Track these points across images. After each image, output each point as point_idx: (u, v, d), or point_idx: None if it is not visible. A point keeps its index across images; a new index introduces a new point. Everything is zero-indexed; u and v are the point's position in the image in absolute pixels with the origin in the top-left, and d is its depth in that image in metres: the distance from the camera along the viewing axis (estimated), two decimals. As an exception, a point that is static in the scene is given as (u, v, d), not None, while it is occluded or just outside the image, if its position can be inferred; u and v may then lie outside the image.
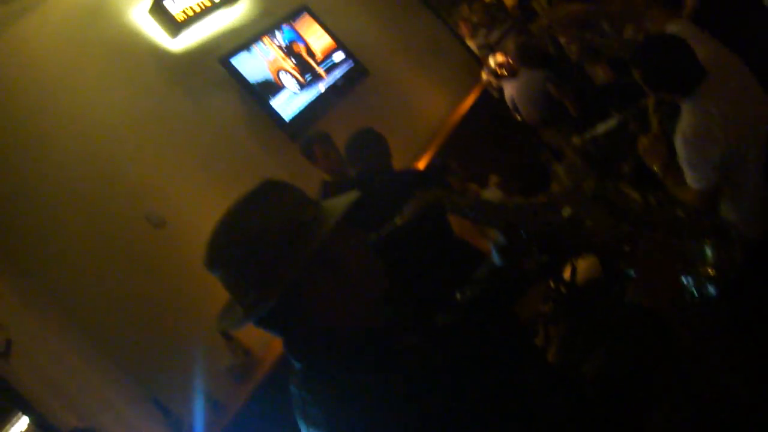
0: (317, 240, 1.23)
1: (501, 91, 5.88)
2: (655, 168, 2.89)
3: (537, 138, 5.81)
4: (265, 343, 3.91)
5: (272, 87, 4.93)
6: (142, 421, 3.71)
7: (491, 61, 5.79)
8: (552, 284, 3.95)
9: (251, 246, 1.24)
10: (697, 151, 2.61)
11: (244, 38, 5.04)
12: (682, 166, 2.67)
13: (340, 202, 1.32)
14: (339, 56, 5.51)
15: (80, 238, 3.82)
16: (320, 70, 5.31)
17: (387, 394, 1.20)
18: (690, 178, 2.65)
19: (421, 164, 5.13)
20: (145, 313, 3.85)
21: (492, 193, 3.98)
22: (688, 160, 2.64)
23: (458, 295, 1.61)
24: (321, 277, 1.26)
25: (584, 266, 4.08)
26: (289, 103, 4.97)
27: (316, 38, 5.42)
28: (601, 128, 4.07)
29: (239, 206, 1.29)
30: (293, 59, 5.16)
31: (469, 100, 6.29)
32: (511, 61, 5.54)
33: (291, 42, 5.23)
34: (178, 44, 4.81)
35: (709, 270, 1.48)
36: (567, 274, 4.02)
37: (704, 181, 2.61)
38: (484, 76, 6.11)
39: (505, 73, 5.65)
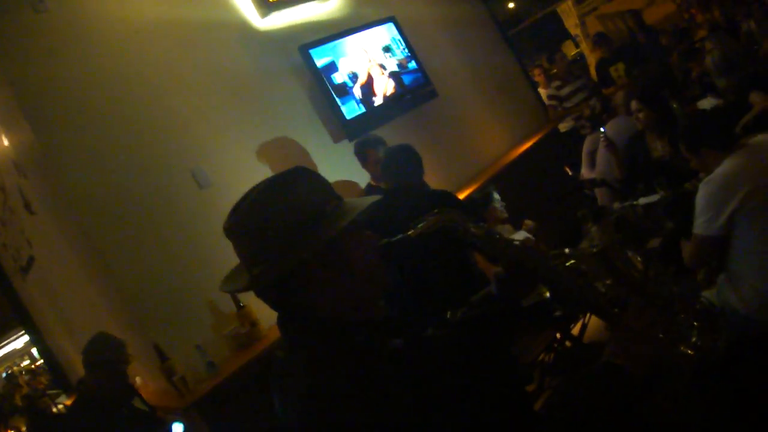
0: (333, 230, 1.31)
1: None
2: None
3: (583, 195, 5.87)
4: (273, 320, 3.97)
5: (342, 85, 5.05)
6: (138, 363, 3.83)
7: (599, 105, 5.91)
8: (558, 336, 4.00)
9: (272, 222, 1.32)
10: (715, 194, 2.78)
11: (327, 33, 5.19)
12: (697, 209, 2.84)
13: (362, 202, 1.40)
14: (412, 71, 5.61)
15: (124, 180, 3.97)
16: (391, 79, 5.42)
17: (359, 390, 1.23)
18: (698, 222, 2.83)
19: (466, 193, 5.20)
20: (167, 264, 3.98)
21: (520, 236, 4.02)
22: (704, 201, 2.82)
23: (449, 314, 1.70)
24: (328, 266, 1.33)
25: (595, 326, 4.12)
26: (354, 104, 5.09)
27: (396, 49, 5.54)
28: (643, 200, 4.13)
29: (269, 183, 1.38)
30: (368, 64, 5.29)
31: (528, 144, 6.34)
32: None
33: (371, 47, 5.36)
34: (265, 23, 5.00)
35: (689, 351, 1.54)
36: (576, 330, 4.07)
37: (712, 225, 2.78)
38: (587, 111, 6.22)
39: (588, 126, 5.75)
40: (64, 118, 3.85)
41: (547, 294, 1.70)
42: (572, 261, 1.57)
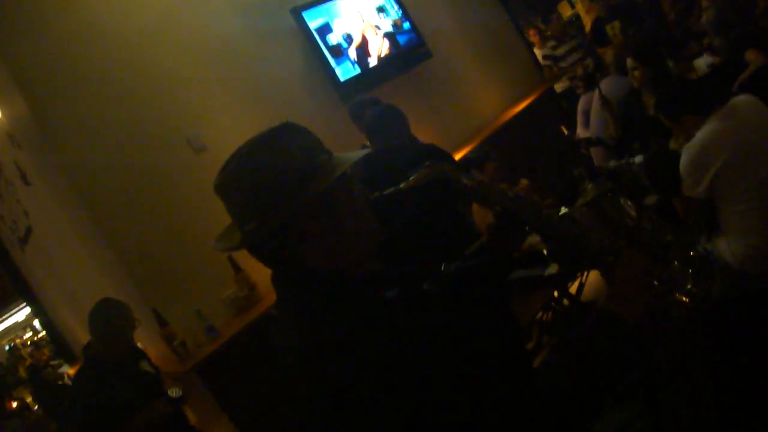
0: (324, 183, 1.30)
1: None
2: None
3: (580, 154, 5.86)
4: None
5: (335, 47, 5.01)
6: (138, 328, 3.85)
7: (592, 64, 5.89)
8: (556, 294, 4.01)
9: (262, 177, 1.31)
10: (696, 159, 2.89)
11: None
12: (681, 173, 2.93)
13: (352, 156, 1.39)
14: (407, 32, 5.56)
15: (121, 146, 3.97)
16: (386, 40, 5.37)
17: (356, 340, 1.25)
18: (684, 184, 2.94)
19: (462, 153, 5.18)
20: (165, 229, 3.99)
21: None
22: (686, 166, 2.92)
23: (443, 267, 1.70)
24: (319, 219, 1.33)
25: (593, 284, 4.13)
26: (347, 65, 5.05)
27: (389, 9, 5.49)
28: (639, 158, 4.12)
29: (258, 139, 1.37)
30: (362, 24, 5.23)
31: (523, 104, 6.31)
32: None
33: (364, 8, 5.30)
34: (257, -15, 4.93)
35: (684, 298, 1.54)
36: (574, 288, 4.08)
37: (696, 188, 2.89)
38: (579, 70, 6.21)
39: (581, 86, 5.72)
40: (57, 89, 3.83)
41: (542, 247, 1.70)
42: (565, 210, 1.58)
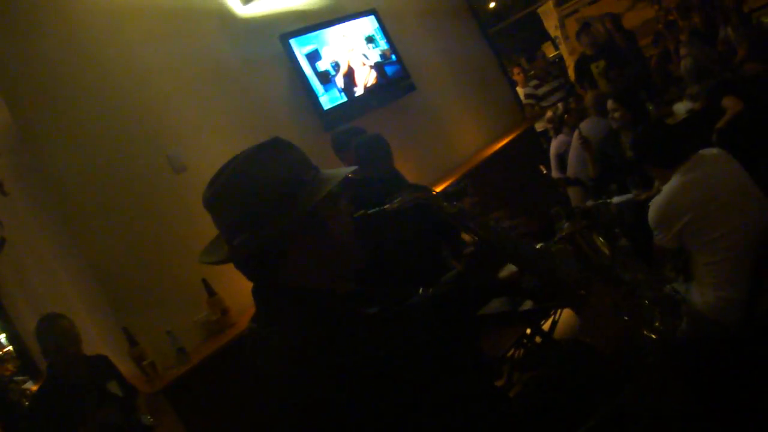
0: (312, 199, 1.32)
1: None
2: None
3: (557, 194, 5.92)
4: (244, 309, 3.99)
5: (321, 75, 5.05)
6: (105, 344, 3.80)
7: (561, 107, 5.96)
8: (528, 332, 4.01)
9: (252, 191, 1.33)
10: (663, 212, 2.96)
11: (309, 23, 5.19)
12: (650, 224, 3.01)
13: (339, 172, 1.42)
14: (392, 63, 5.62)
15: (101, 163, 3.95)
16: (373, 71, 5.43)
17: (332, 356, 1.25)
18: (654, 235, 3.00)
19: (441, 187, 5.22)
20: (140, 247, 3.96)
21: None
22: (653, 218, 2.98)
23: (421, 290, 1.71)
24: (306, 235, 1.35)
25: (566, 323, 4.14)
26: (332, 94, 5.09)
27: (378, 39, 5.55)
28: (617, 199, 4.17)
29: (248, 153, 1.39)
30: (349, 55, 5.28)
31: (503, 141, 6.38)
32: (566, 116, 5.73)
33: (353, 37, 5.36)
34: (247, 11, 4.97)
35: (652, 335, 1.57)
36: (547, 325, 4.08)
37: (664, 239, 2.96)
38: (549, 114, 6.28)
39: (571, 122, 5.80)
40: (41, 100, 3.81)
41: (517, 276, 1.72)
42: (542, 245, 1.60)
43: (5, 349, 11.42)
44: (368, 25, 5.53)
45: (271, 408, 1.30)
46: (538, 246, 1.62)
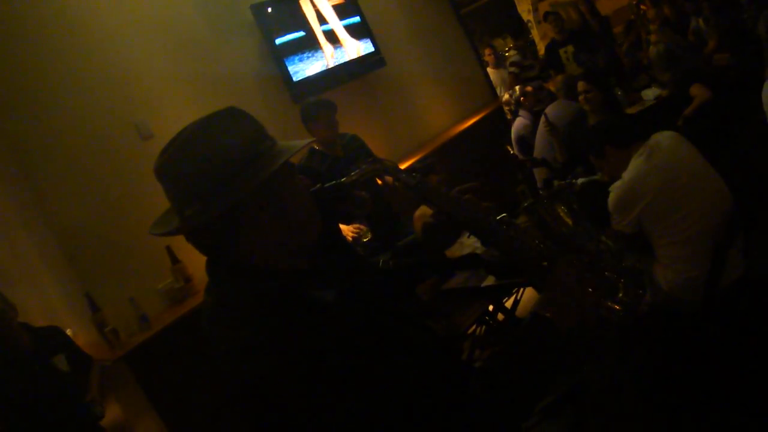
0: (268, 170, 1.26)
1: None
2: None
3: (524, 173, 5.96)
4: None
5: (291, 46, 5.02)
6: (67, 310, 3.75)
7: (518, 90, 5.96)
8: (490, 308, 4.05)
9: (205, 160, 1.26)
10: (623, 198, 3.01)
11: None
12: (609, 209, 3.06)
13: (296, 144, 1.36)
14: (363, 38, 5.61)
15: (66, 128, 3.90)
16: (342, 45, 5.40)
17: (286, 340, 1.21)
18: (612, 219, 3.07)
19: (408, 163, 5.23)
20: (106, 213, 3.93)
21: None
22: (613, 204, 3.04)
23: (381, 262, 1.70)
24: (261, 208, 1.29)
25: (530, 301, 4.19)
26: (302, 66, 5.06)
27: (347, 14, 5.53)
28: (582, 180, 4.21)
29: (201, 122, 1.32)
30: (321, 27, 5.26)
31: (472, 120, 6.41)
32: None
33: (323, 11, 5.32)
34: (218, -21, 4.91)
35: (616, 306, 1.58)
36: (509, 303, 4.13)
37: (622, 223, 3.02)
38: (506, 96, 6.30)
39: (527, 104, 5.81)
40: (4, 62, 3.74)
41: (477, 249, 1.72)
42: (503, 215, 1.59)
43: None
44: (340, -1, 5.49)
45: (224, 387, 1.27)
46: (499, 216, 1.61)
